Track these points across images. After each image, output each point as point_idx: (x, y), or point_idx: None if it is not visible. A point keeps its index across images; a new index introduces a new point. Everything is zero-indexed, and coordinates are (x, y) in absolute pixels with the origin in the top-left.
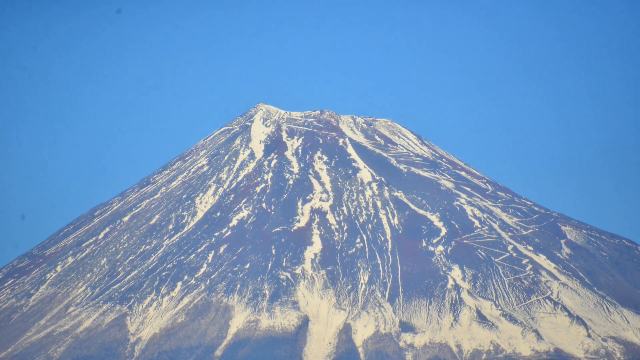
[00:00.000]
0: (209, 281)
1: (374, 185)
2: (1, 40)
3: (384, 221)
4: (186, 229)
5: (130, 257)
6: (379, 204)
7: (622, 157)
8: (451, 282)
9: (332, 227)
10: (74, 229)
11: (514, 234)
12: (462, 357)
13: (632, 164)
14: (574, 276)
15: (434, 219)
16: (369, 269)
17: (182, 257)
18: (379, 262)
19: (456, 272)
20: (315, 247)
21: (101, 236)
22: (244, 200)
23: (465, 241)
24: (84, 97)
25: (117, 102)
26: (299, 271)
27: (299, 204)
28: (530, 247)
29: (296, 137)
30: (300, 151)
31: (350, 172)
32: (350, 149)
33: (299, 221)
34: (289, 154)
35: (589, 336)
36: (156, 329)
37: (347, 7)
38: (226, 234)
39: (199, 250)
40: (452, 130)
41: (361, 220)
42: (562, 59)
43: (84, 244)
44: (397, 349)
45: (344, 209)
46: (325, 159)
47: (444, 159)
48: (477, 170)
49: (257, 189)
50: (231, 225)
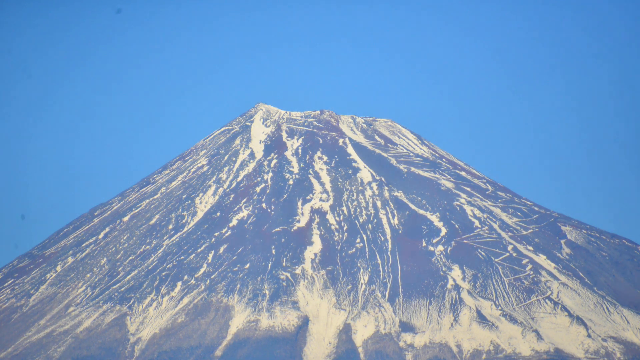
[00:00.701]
0: (209, 281)
1: (374, 185)
2: (1, 40)
3: (384, 221)
4: (186, 229)
5: (130, 257)
6: (379, 204)
7: (622, 157)
8: (451, 282)
9: (332, 227)
10: (74, 229)
11: (514, 234)
12: (462, 357)
13: (632, 164)
14: (574, 276)
15: (434, 219)
16: (369, 269)
17: (182, 257)
18: (379, 262)
19: (456, 272)
20: (315, 247)
21: (101, 236)
22: (244, 200)
23: (465, 241)
24: (84, 97)
25: (117, 102)
26: (299, 271)
27: (299, 204)
28: (530, 247)
29: (296, 137)
30: (300, 151)
31: (350, 172)
32: (350, 149)
33: (299, 221)
34: (289, 154)
35: (589, 336)
36: (156, 329)
37: (347, 7)
38: (226, 234)
39: (199, 250)
40: (452, 130)
41: (361, 220)
42: (562, 59)
43: (84, 244)
44: (397, 349)
45: (344, 209)
46: (325, 159)
47: (444, 159)
48: (477, 170)
49: (257, 189)
50: (231, 225)
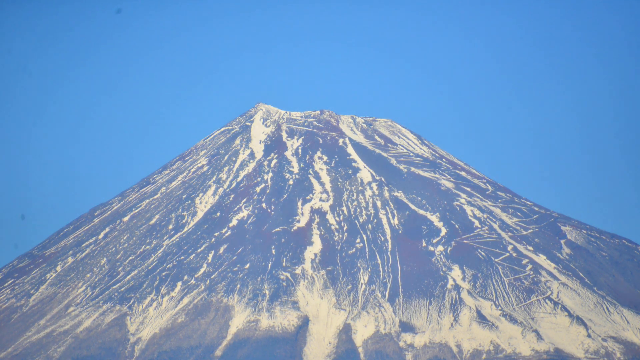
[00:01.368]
0: (209, 281)
1: (374, 185)
2: (1, 40)
3: (384, 221)
4: (186, 229)
5: (130, 257)
6: (379, 204)
7: (622, 157)
8: (451, 282)
9: (332, 227)
10: (74, 229)
11: (514, 234)
12: (462, 357)
13: (632, 164)
14: (574, 276)
15: (434, 219)
16: (369, 269)
17: (182, 257)
18: (379, 262)
19: (456, 272)
20: (315, 247)
21: (101, 236)
22: (244, 200)
23: (465, 241)
24: (84, 96)
25: (117, 101)
26: (299, 271)
27: (299, 204)
28: (530, 247)
29: (296, 137)
30: (300, 151)
31: (350, 172)
32: (350, 149)
33: (299, 221)
34: (289, 154)
35: (589, 336)
36: (156, 329)
37: (347, 7)
38: (226, 234)
39: (199, 250)
40: (452, 130)
41: (361, 220)
42: (562, 59)
43: (84, 244)
44: (397, 349)
45: (344, 209)
46: (325, 159)
47: (444, 159)
48: (477, 170)
49: (257, 189)
50: (231, 225)
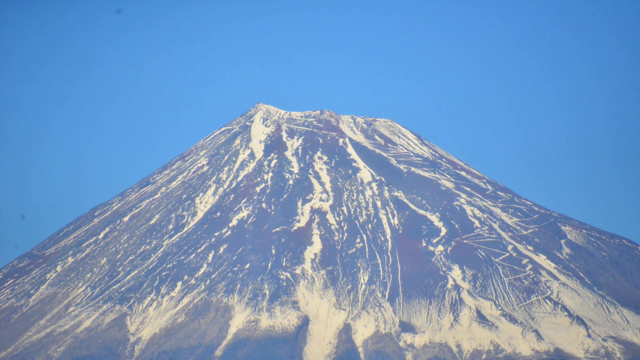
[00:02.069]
0: (209, 281)
1: (374, 185)
2: (1, 40)
3: (384, 221)
4: (186, 229)
5: (130, 257)
6: (379, 204)
7: (622, 157)
8: (451, 282)
9: (332, 227)
10: (74, 229)
11: (514, 234)
12: (462, 357)
13: (632, 163)
14: (574, 276)
15: (434, 219)
16: (369, 269)
17: (182, 257)
18: (379, 262)
19: (456, 272)
20: (315, 247)
21: (101, 236)
22: (244, 200)
23: (465, 241)
24: (84, 97)
25: (118, 102)
26: (299, 271)
27: (299, 204)
28: (530, 247)
29: (296, 137)
30: (300, 151)
31: (350, 172)
32: (350, 149)
33: (299, 221)
34: (289, 154)
35: (589, 336)
36: (156, 329)
37: (347, 7)
38: (226, 234)
39: (199, 250)
40: (452, 130)
41: (361, 220)
42: (561, 59)
43: (84, 244)
44: (397, 349)
45: (344, 209)
46: (325, 159)
47: (444, 159)
48: (477, 170)
49: (257, 189)
50: (231, 225)
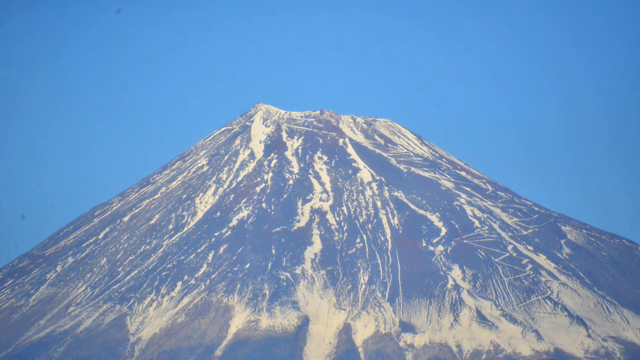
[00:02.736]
0: (209, 281)
1: (374, 185)
2: (1, 40)
3: (384, 221)
4: (186, 229)
5: (130, 257)
6: (379, 204)
7: (622, 157)
8: (451, 282)
9: (332, 227)
10: (74, 229)
11: (514, 234)
12: (462, 357)
13: (632, 163)
14: (574, 276)
15: (434, 219)
16: (369, 269)
17: (182, 257)
18: (379, 262)
19: (456, 272)
20: (315, 247)
21: (101, 236)
22: (244, 200)
23: (465, 241)
24: (84, 97)
25: (118, 102)
26: (299, 271)
27: (299, 204)
28: (530, 247)
29: (296, 137)
30: (300, 151)
31: (350, 172)
32: (350, 149)
33: (299, 221)
34: (289, 154)
35: (589, 336)
36: (156, 329)
37: (347, 7)
38: (226, 234)
39: (199, 250)
40: (452, 130)
41: (361, 220)
42: (561, 59)
43: (84, 244)
44: (397, 349)
45: (344, 209)
46: (325, 159)
47: (444, 159)
48: (477, 170)
49: (257, 189)
50: (231, 225)
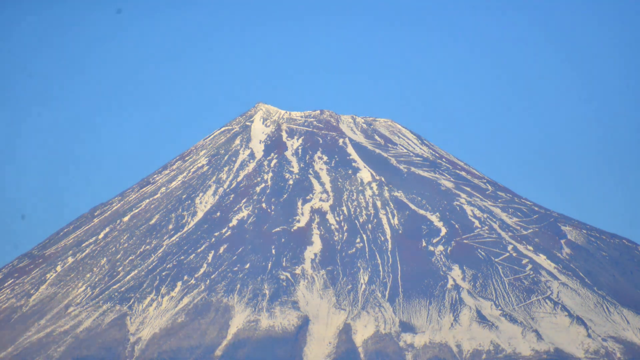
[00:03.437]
0: (209, 281)
1: (374, 185)
2: (1, 40)
3: (384, 221)
4: (186, 229)
5: (130, 257)
6: (379, 204)
7: (622, 157)
8: (451, 282)
9: (332, 227)
10: (74, 229)
11: (514, 234)
12: (462, 357)
13: (632, 163)
14: (574, 276)
15: (434, 219)
16: (369, 269)
17: (182, 257)
18: (379, 262)
19: (456, 272)
20: (315, 247)
21: (101, 236)
22: (244, 200)
23: (465, 241)
24: (84, 96)
25: (118, 101)
26: (299, 271)
27: (299, 204)
28: (530, 247)
29: (296, 137)
30: (300, 151)
31: (350, 172)
32: (350, 149)
33: (299, 221)
34: (289, 154)
35: (589, 336)
36: (156, 329)
37: (347, 7)
38: (226, 234)
39: (199, 250)
40: (452, 130)
41: (361, 220)
42: (562, 59)
43: (84, 244)
44: (397, 349)
45: (344, 209)
46: (325, 159)
47: (444, 159)
48: (477, 170)
49: (257, 189)
50: (231, 225)
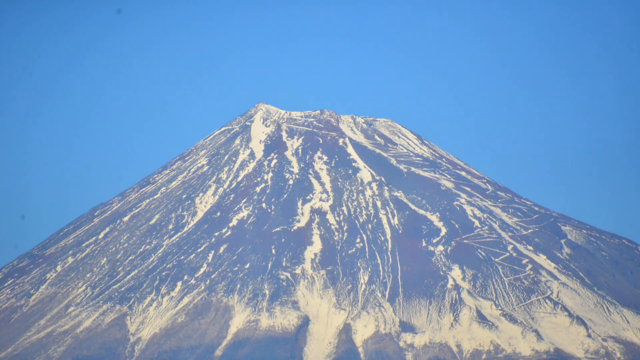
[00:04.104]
0: (209, 281)
1: (374, 185)
2: (1, 40)
3: (384, 221)
4: (186, 229)
5: (130, 257)
6: (379, 204)
7: (622, 157)
8: (451, 282)
9: (332, 227)
10: (74, 229)
11: (514, 234)
12: (462, 357)
13: (632, 163)
14: (574, 276)
15: (434, 219)
16: (369, 269)
17: (182, 257)
18: (379, 262)
19: (456, 272)
20: (315, 247)
21: (101, 236)
22: (244, 200)
23: (465, 241)
24: (84, 96)
25: (117, 101)
26: (299, 271)
27: (299, 204)
28: (530, 247)
29: (296, 137)
30: (300, 151)
31: (350, 172)
32: (350, 149)
33: (299, 221)
34: (289, 154)
35: (589, 336)
36: (156, 329)
37: (347, 7)
38: (226, 234)
39: (199, 250)
40: (452, 130)
41: (361, 220)
42: (562, 59)
43: (84, 244)
44: (397, 349)
45: (344, 209)
46: (325, 159)
47: (444, 159)
48: (477, 170)
49: (257, 189)
50: (231, 225)
